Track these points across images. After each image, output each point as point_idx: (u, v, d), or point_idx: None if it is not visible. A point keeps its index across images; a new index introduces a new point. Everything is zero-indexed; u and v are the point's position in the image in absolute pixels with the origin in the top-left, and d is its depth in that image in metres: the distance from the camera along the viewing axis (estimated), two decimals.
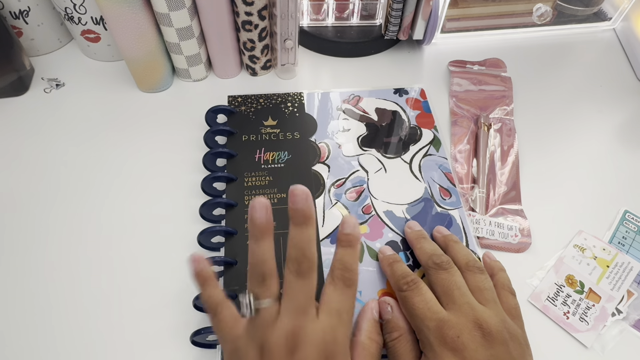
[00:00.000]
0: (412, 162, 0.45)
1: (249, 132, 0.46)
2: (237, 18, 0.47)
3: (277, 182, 0.42)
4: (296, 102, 0.49)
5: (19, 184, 0.44)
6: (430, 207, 0.42)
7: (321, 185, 0.43)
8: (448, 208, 0.42)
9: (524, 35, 0.60)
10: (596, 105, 0.51)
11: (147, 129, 0.49)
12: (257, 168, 0.43)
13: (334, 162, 0.45)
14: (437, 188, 0.43)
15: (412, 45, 0.58)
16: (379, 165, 0.45)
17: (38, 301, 0.38)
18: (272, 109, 0.48)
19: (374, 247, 0.39)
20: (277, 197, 0.41)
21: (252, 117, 0.47)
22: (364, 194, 0.43)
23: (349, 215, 0.34)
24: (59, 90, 0.52)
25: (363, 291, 0.37)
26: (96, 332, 0.36)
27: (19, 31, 0.51)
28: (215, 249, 0.39)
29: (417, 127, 0.48)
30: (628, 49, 0.58)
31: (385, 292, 0.37)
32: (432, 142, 0.47)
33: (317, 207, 0.41)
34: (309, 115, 0.48)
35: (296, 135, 0.46)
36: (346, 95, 0.50)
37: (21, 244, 0.41)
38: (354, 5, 0.55)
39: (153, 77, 0.50)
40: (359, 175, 0.44)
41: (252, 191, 0.42)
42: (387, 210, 0.42)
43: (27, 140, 0.47)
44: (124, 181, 0.44)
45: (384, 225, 0.41)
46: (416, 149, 0.46)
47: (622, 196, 0.45)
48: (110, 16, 0.44)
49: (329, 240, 0.40)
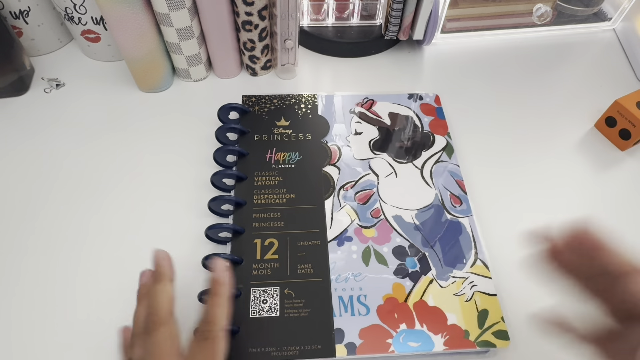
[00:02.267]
0: (424, 168, 0.45)
1: (261, 132, 0.46)
2: (237, 18, 0.47)
3: (286, 182, 0.43)
4: (310, 103, 0.49)
5: (19, 184, 0.44)
6: (441, 213, 0.42)
7: (331, 186, 0.43)
8: (458, 216, 0.42)
9: (524, 35, 0.60)
10: (596, 105, 0.51)
11: (147, 129, 0.49)
12: (268, 168, 0.44)
13: (345, 165, 0.45)
14: (447, 195, 0.43)
15: (412, 45, 0.58)
16: (389, 170, 0.45)
17: (40, 300, 0.38)
18: (285, 110, 0.48)
19: (381, 252, 0.39)
20: (286, 197, 0.42)
21: (265, 117, 0.48)
22: (374, 197, 0.43)
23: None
24: (59, 90, 0.52)
25: (368, 295, 0.37)
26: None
27: (19, 31, 0.51)
28: (222, 244, 0.40)
29: (430, 133, 0.48)
30: (628, 49, 0.58)
31: (389, 297, 0.37)
32: (444, 149, 0.46)
33: (325, 209, 0.42)
34: (322, 117, 0.48)
35: (308, 137, 0.46)
36: (359, 99, 0.50)
37: (21, 244, 0.41)
38: (354, 5, 0.55)
39: (153, 77, 0.50)
40: (369, 179, 0.44)
41: (261, 190, 0.42)
42: (396, 215, 0.42)
43: (27, 140, 0.47)
44: (124, 180, 0.45)
45: (392, 229, 0.41)
46: (428, 155, 0.46)
47: (623, 195, 0.45)
48: (110, 16, 0.44)
49: (336, 242, 0.40)
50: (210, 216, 0.41)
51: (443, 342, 0.35)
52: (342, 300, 0.37)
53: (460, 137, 0.49)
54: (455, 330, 0.36)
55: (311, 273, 0.38)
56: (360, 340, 0.35)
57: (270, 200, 0.41)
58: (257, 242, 0.39)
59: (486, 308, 0.37)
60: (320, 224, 0.40)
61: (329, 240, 0.40)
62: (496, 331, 0.36)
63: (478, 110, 0.52)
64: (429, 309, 0.36)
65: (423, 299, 0.37)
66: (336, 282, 0.37)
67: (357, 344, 0.35)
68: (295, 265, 0.38)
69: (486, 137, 0.49)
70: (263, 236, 0.39)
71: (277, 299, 0.36)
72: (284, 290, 0.37)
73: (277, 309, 0.36)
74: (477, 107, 0.52)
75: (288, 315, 0.36)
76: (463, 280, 0.38)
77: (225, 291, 0.31)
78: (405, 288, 0.38)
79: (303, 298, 0.36)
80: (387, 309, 0.36)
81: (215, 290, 0.31)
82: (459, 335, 0.35)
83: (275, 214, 0.41)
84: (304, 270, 0.38)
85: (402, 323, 0.36)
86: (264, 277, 0.37)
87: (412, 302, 0.37)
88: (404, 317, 0.36)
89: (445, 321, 0.36)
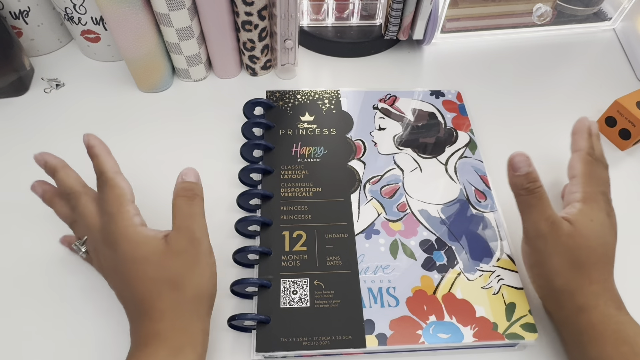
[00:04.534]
0: (448, 163, 0.45)
1: (286, 126, 0.46)
2: (237, 18, 0.47)
3: (312, 176, 0.43)
4: (333, 99, 0.49)
5: (19, 184, 0.44)
6: (466, 208, 0.42)
7: (356, 181, 0.43)
8: (483, 210, 0.42)
9: (524, 35, 0.60)
10: (596, 105, 0.51)
11: (147, 129, 0.48)
12: (294, 162, 0.44)
13: (370, 159, 0.45)
14: (472, 190, 0.43)
15: (412, 45, 0.58)
16: (414, 165, 0.45)
17: (42, 299, 0.37)
18: (309, 105, 0.48)
19: (408, 245, 0.40)
20: (312, 190, 0.42)
21: (289, 112, 0.48)
22: (399, 191, 0.43)
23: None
24: (59, 91, 0.51)
25: (397, 287, 0.37)
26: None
27: (19, 31, 0.51)
28: (251, 237, 0.40)
29: (453, 129, 0.48)
30: (628, 49, 0.58)
31: (418, 290, 0.37)
32: (468, 145, 0.47)
33: (352, 202, 0.42)
34: (346, 112, 0.48)
35: (332, 132, 0.47)
36: (382, 95, 0.50)
37: (21, 244, 0.40)
38: (354, 5, 0.55)
39: (153, 77, 0.50)
40: (394, 174, 0.44)
41: (288, 184, 0.42)
42: (422, 209, 0.42)
43: (27, 140, 0.47)
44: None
45: (418, 223, 0.41)
46: (452, 151, 0.46)
47: (623, 195, 0.45)
48: (110, 16, 0.44)
49: (364, 235, 0.40)
50: (238, 211, 0.42)
51: (472, 334, 0.35)
52: (371, 292, 0.37)
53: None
54: (483, 322, 0.36)
55: (340, 265, 0.38)
56: (390, 331, 0.35)
57: (297, 194, 0.42)
58: (286, 234, 0.39)
59: (513, 301, 0.37)
60: (347, 217, 0.41)
61: (356, 234, 0.40)
62: (524, 324, 0.36)
63: (478, 110, 0.52)
64: (457, 302, 0.37)
65: (451, 292, 0.37)
66: (365, 274, 0.38)
67: (387, 335, 0.35)
68: (324, 257, 0.38)
69: (486, 137, 0.49)
70: (291, 228, 0.40)
71: (307, 290, 0.36)
72: (313, 281, 0.37)
73: (307, 299, 0.36)
74: (477, 107, 0.52)
75: (318, 306, 0.36)
76: (490, 273, 0.38)
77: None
78: (434, 281, 0.38)
79: (333, 289, 0.37)
80: (416, 301, 0.36)
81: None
82: (488, 328, 0.35)
83: (302, 207, 0.41)
84: (332, 262, 0.38)
85: (431, 315, 0.36)
86: (293, 269, 0.37)
87: (441, 294, 0.37)
88: (433, 309, 0.36)
89: (474, 313, 0.36)
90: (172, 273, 0.31)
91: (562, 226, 0.34)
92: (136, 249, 0.31)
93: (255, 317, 0.34)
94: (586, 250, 0.33)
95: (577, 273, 0.33)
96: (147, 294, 0.31)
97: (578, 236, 0.33)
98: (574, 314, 0.33)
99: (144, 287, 0.31)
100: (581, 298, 0.33)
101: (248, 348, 0.36)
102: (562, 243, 0.33)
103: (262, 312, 0.35)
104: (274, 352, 0.34)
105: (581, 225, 0.34)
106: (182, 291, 0.31)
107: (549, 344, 0.37)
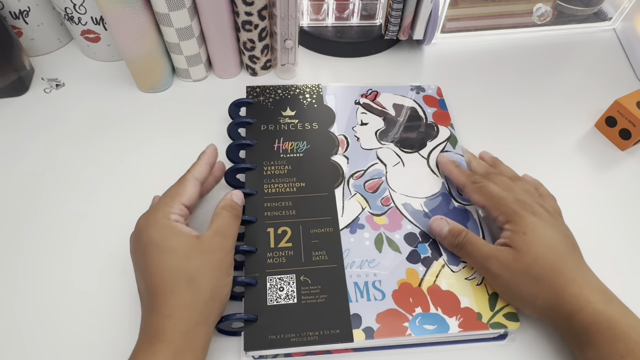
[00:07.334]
0: (430, 157, 0.45)
1: (268, 122, 0.46)
2: (237, 18, 0.47)
3: (296, 171, 0.43)
4: (314, 93, 0.49)
5: (19, 184, 0.44)
6: (448, 201, 0.42)
7: (340, 175, 0.43)
8: (465, 203, 0.42)
9: (524, 35, 0.60)
10: (596, 105, 0.51)
11: (147, 129, 0.48)
12: (276, 157, 0.44)
13: (353, 154, 0.45)
14: (453, 183, 0.43)
15: (412, 45, 0.58)
16: (397, 159, 0.45)
17: (40, 301, 0.38)
18: (290, 100, 0.48)
19: (393, 238, 0.40)
20: (296, 185, 0.42)
21: (270, 107, 0.47)
22: (383, 186, 0.43)
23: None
24: (59, 90, 0.51)
25: (383, 281, 0.37)
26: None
27: (19, 31, 0.51)
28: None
29: (434, 124, 0.48)
30: (628, 49, 0.58)
31: (404, 282, 0.37)
32: (448, 139, 0.47)
33: (336, 197, 0.42)
34: (328, 107, 0.48)
35: (314, 126, 0.46)
36: (364, 90, 0.51)
37: (22, 244, 0.40)
38: (354, 5, 0.55)
39: (153, 77, 0.50)
40: (377, 168, 0.44)
41: (271, 180, 0.42)
42: (406, 202, 0.42)
43: (27, 140, 0.47)
44: (124, 181, 0.44)
45: (402, 217, 0.41)
46: (433, 145, 0.46)
47: (623, 195, 0.45)
48: (110, 16, 0.44)
49: (349, 230, 0.40)
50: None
51: (457, 324, 0.35)
52: (357, 286, 0.37)
53: (461, 134, 0.49)
54: (468, 312, 0.36)
55: (326, 260, 0.38)
56: (377, 324, 0.35)
57: (280, 189, 0.41)
58: (270, 230, 0.39)
59: (496, 292, 0.37)
60: (331, 211, 0.40)
61: (341, 228, 0.40)
62: (506, 313, 0.36)
63: (477, 110, 0.52)
64: (442, 293, 0.37)
65: (436, 284, 0.37)
66: (350, 269, 0.38)
67: (374, 329, 0.35)
68: (310, 253, 0.38)
69: (485, 137, 0.49)
70: (276, 225, 0.39)
71: (294, 286, 0.36)
72: (299, 277, 0.37)
73: (294, 296, 0.36)
74: (477, 107, 0.52)
75: (305, 301, 0.36)
76: None
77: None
78: (419, 273, 0.38)
79: (319, 284, 0.36)
80: (402, 293, 0.37)
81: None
82: (472, 318, 0.36)
83: (286, 203, 0.41)
84: (318, 257, 0.38)
85: (417, 307, 0.36)
86: (279, 265, 0.37)
87: (426, 286, 0.37)
88: (419, 301, 0.36)
89: (459, 304, 0.36)
90: (193, 269, 0.31)
91: (504, 255, 0.35)
92: (165, 238, 0.32)
93: (242, 317, 0.34)
94: (538, 262, 0.34)
95: (545, 285, 0.34)
96: (162, 284, 0.31)
97: (522, 255, 0.34)
98: (568, 321, 0.33)
99: (161, 276, 0.31)
100: (565, 305, 0.33)
101: (238, 349, 0.35)
102: (515, 269, 0.34)
103: (249, 311, 0.35)
104: (262, 350, 0.34)
105: (519, 243, 0.35)
106: (197, 290, 0.31)
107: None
